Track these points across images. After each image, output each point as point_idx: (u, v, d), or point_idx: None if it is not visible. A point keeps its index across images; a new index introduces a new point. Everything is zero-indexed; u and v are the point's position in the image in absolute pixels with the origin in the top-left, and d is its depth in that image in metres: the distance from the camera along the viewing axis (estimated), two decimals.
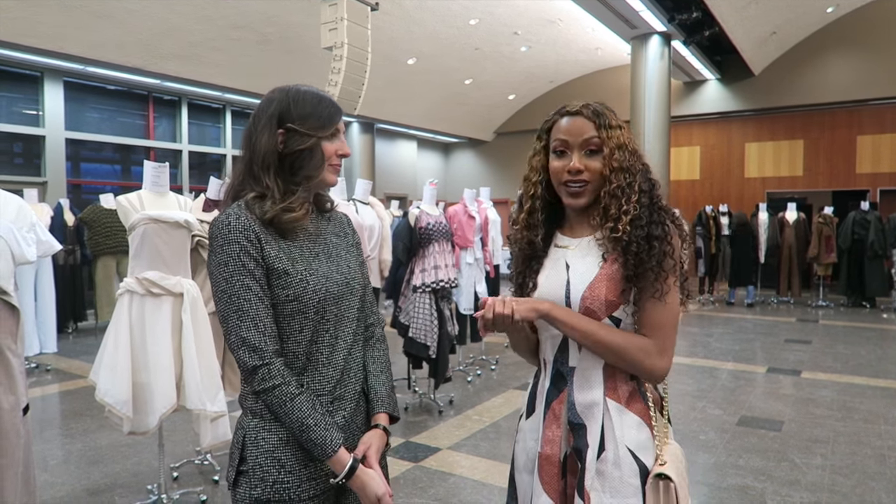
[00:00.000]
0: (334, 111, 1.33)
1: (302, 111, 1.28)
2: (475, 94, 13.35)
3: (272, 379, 1.21)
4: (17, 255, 2.23)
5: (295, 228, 1.28)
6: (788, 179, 12.26)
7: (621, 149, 1.29)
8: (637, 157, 1.32)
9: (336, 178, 1.35)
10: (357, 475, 1.24)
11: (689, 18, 9.15)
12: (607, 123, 1.30)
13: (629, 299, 1.27)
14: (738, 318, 8.82)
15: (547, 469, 1.32)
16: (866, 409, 4.56)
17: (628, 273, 1.26)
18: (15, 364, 2.16)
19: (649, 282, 1.25)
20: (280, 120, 1.27)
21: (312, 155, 1.29)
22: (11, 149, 8.51)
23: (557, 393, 1.34)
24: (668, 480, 1.22)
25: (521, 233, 1.41)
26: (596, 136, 1.30)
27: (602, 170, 1.29)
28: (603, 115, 1.31)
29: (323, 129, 1.29)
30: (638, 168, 1.31)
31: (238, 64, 9.34)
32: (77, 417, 4.45)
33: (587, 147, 1.30)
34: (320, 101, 1.31)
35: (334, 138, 1.32)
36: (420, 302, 4.35)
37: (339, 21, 6.30)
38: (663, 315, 1.25)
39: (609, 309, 1.27)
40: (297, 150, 1.28)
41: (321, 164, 1.30)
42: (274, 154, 1.27)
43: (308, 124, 1.28)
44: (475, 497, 3.16)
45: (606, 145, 1.29)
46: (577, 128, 1.31)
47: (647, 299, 1.26)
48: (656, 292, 1.25)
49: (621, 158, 1.29)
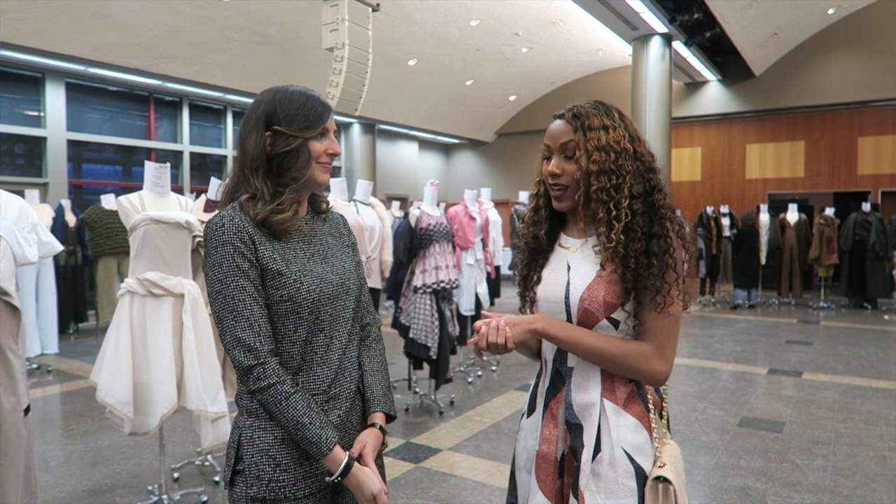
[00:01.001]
0: (321, 110, 1.31)
1: (288, 112, 1.28)
2: (476, 95, 13.35)
3: (267, 378, 1.22)
4: (18, 256, 2.23)
5: (287, 229, 1.29)
6: (790, 181, 12.25)
7: (603, 150, 1.26)
8: (629, 158, 1.27)
9: (327, 176, 1.34)
10: (352, 473, 1.25)
11: (691, 19, 9.16)
12: (586, 125, 1.28)
13: (628, 301, 1.27)
14: (739, 320, 8.81)
15: (543, 468, 1.32)
16: (867, 410, 4.55)
17: (626, 286, 1.25)
18: (16, 365, 2.17)
19: (650, 296, 1.24)
20: (267, 122, 1.28)
21: (299, 156, 1.28)
22: (13, 150, 8.52)
23: (556, 392, 1.34)
24: (667, 483, 1.21)
25: (527, 228, 1.43)
26: (571, 140, 1.28)
27: (576, 173, 1.28)
28: (583, 116, 1.29)
29: (309, 129, 1.29)
30: (628, 170, 1.27)
31: (239, 65, 9.35)
32: (78, 418, 4.46)
33: (564, 151, 1.30)
34: (306, 101, 1.30)
35: (323, 138, 1.32)
36: (421, 303, 4.35)
37: (340, 22, 6.30)
38: (663, 322, 1.25)
39: (607, 310, 1.27)
40: (283, 152, 1.28)
41: (307, 164, 1.29)
42: (262, 156, 1.28)
43: (294, 125, 1.28)
44: (476, 498, 3.16)
45: (581, 148, 1.27)
46: (556, 131, 1.31)
47: (647, 311, 1.25)
48: (658, 306, 1.24)
49: (601, 160, 1.25)
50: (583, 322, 1.29)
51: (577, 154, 1.27)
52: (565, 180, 1.30)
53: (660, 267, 1.23)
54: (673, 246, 1.25)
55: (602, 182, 1.26)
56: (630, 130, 1.31)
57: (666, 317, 1.24)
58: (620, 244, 1.24)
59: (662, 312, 1.23)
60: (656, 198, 1.28)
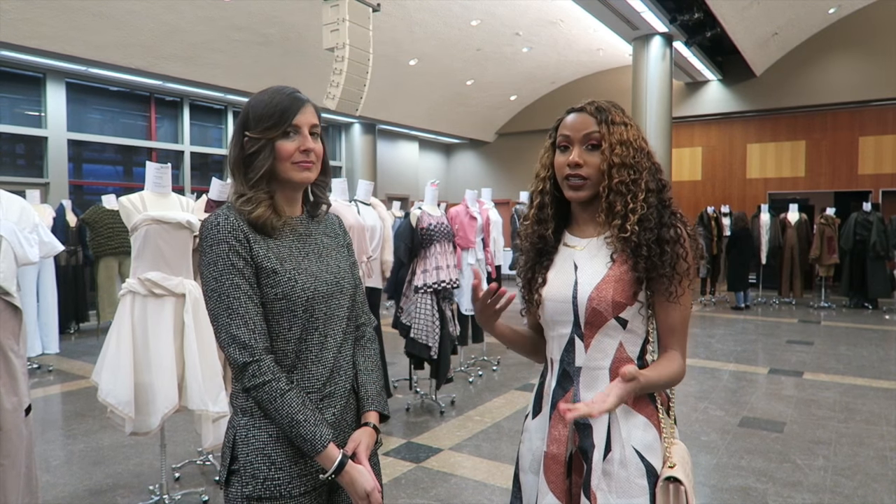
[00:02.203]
0: (287, 107, 1.28)
1: (255, 114, 1.28)
2: (477, 95, 13.35)
3: (262, 375, 1.22)
4: (19, 256, 2.23)
5: (274, 226, 1.29)
6: (790, 180, 12.24)
7: (624, 145, 1.29)
8: (644, 155, 1.31)
9: (305, 174, 1.30)
10: (346, 471, 1.25)
11: (691, 19, 9.15)
12: (609, 119, 1.30)
13: (638, 300, 1.28)
14: (739, 320, 8.81)
15: (553, 468, 1.32)
16: (868, 410, 4.55)
17: (639, 276, 1.26)
18: (17, 365, 2.17)
19: (663, 286, 1.26)
20: (243, 127, 1.30)
21: (259, 155, 1.28)
22: (14, 150, 8.53)
23: (563, 392, 1.34)
24: (678, 483, 1.22)
25: (531, 227, 1.42)
26: (596, 131, 1.30)
27: (601, 164, 1.29)
28: (606, 111, 1.32)
29: (272, 129, 1.27)
30: (645, 166, 1.30)
31: (239, 65, 9.35)
32: (79, 418, 4.46)
33: (588, 142, 1.31)
34: (271, 101, 1.28)
35: (293, 135, 1.29)
36: (422, 302, 4.35)
37: (340, 22, 6.29)
38: (680, 317, 1.28)
39: (616, 310, 1.27)
40: (249, 154, 1.29)
41: (265, 163, 1.27)
42: (240, 160, 1.31)
43: (259, 127, 1.28)
44: (477, 498, 3.16)
45: (606, 140, 1.29)
46: (579, 123, 1.32)
47: (661, 302, 1.28)
48: (671, 295, 1.26)
49: (623, 154, 1.28)
50: (590, 322, 1.29)
51: (603, 146, 1.29)
52: (586, 171, 1.30)
53: (672, 255, 1.26)
54: (683, 236, 1.29)
55: (623, 175, 1.28)
56: (641, 131, 1.35)
57: (681, 309, 1.28)
58: (634, 234, 1.27)
59: (677, 303, 1.27)
60: (667, 195, 1.33)
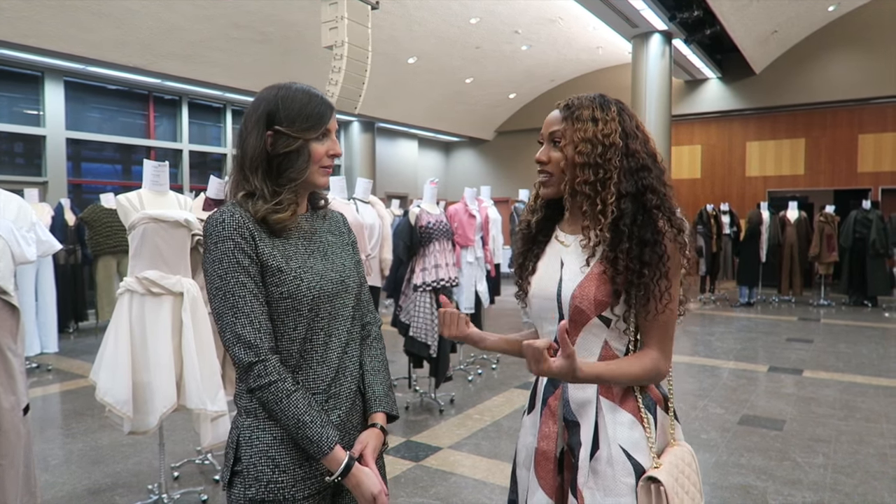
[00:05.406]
0: (324, 110, 1.29)
1: (290, 112, 1.26)
2: (476, 93, 13.33)
3: (268, 375, 1.20)
4: (17, 255, 2.23)
5: (286, 227, 1.27)
6: (790, 178, 12.24)
7: (588, 142, 1.24)
8: (616, 154, 1.25)
9: (325, 180, 1.31)
10: (352, 473, 1.23)
11: (691, 17, 9.14)
12: (575, 115, 1.27)
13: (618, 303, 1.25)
14: (739, 317, 8.81)
15: (543, 465, 1.32)
16: (868, 407, 4.55)
17: (616, 288, 1.23)
18: (15, 364, 2.16)
19: (641, 303, 1.23)
20: (269, 121, 1.26)
21: (298, 157, 1.27)
22: (12, 149, 8.50)
23: (553, 389, 1.34)
24: (658, 484, 1.20)
25: (526, 215, 1.44)
26: (558, 129, 1.29)
27: (560, 161, 1.28)
28: (574, 107, 1.29)
29: (311, 130, 1.26)
30: (616, 166, 1.24)
31: (238, 63, 9.33)
32: (78, 417, 4.45)
33: (552, 139, 1.31)
34: (309, 101, 1.28)
35: (324, 139, 1.29)
36: (421, 301, 4.35)
37: (339, 20, 6.28)
38: (660, 322, 1.24)
39: (598, 308, 1.25)
40: (283, 153, 1.26)
41: (306, 165, 1.27)
42: (262, 156, 1.26)
43: (296, 126, 1.25)
44: (476, 496, 3.16)
45: (567, 137, 1.27)
46: (549, 120, 1.33)
47: (641, 315, 1.24)
48: (649, 313, 1.23)
49: (587, 152, 1.24)
50: (574, 320, 1.28)
51: (563, 143, 1.28)
52: (551, 168, 1.31)
53: (651, 275, 1.20)
54: (667, 254, 1.22)
55: (587, 175, 1.25)
56: (626, 126, 1.28)
57: (664, 317, 1.24)
58: (606, 242, 1.23)
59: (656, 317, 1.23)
60: (648, 198, 1.24)
